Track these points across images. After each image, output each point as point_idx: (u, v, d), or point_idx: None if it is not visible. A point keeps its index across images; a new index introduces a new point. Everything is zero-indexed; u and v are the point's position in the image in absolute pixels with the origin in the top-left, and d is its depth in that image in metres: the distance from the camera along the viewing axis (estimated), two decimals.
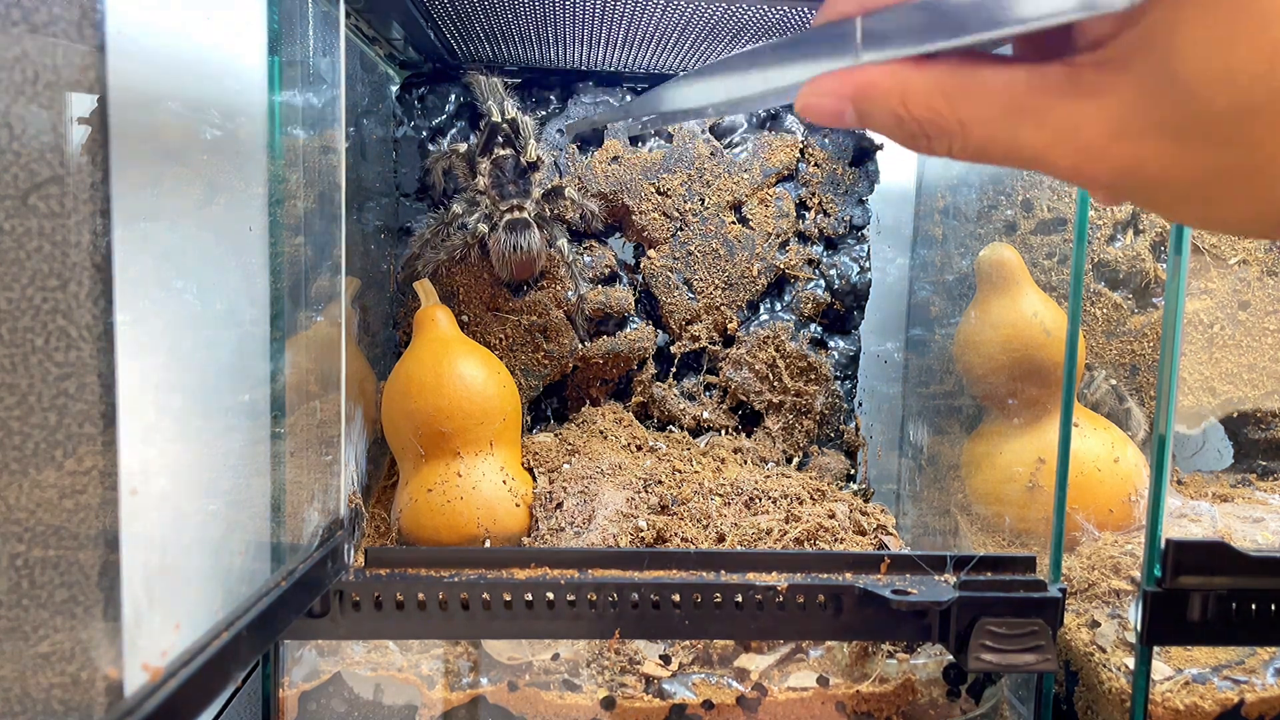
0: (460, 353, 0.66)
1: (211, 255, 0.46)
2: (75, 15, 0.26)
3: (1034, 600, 0.49)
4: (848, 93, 0.28)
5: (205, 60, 0.44)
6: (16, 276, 0.25)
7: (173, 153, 0.42)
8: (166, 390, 0.40)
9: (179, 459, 0.42)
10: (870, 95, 0.28)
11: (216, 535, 0.44)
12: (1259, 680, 0.53)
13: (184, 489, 0.43)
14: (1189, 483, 0.76)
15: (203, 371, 0.45)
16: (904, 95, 0.27)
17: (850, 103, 0.28)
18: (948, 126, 0.27)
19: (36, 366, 0.26)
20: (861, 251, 0.79)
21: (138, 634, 0.33)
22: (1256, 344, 0.76)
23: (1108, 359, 0.75)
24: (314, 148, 0.49)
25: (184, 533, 0.42)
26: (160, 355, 0.42)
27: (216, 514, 0.44)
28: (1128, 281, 0.75)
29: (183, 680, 0.32)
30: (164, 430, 0.40)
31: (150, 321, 0.41)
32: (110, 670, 0.29)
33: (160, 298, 0.42)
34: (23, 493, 0.26)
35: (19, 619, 0.26)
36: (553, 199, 0.73)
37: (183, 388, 0.43)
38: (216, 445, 0.45)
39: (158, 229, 0.41)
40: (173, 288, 0.43)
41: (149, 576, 0.35)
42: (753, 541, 0.60)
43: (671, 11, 0.60)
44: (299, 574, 0.42)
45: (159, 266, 0.42)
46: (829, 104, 0.28)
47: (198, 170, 0.44)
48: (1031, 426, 0.66)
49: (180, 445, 0.41)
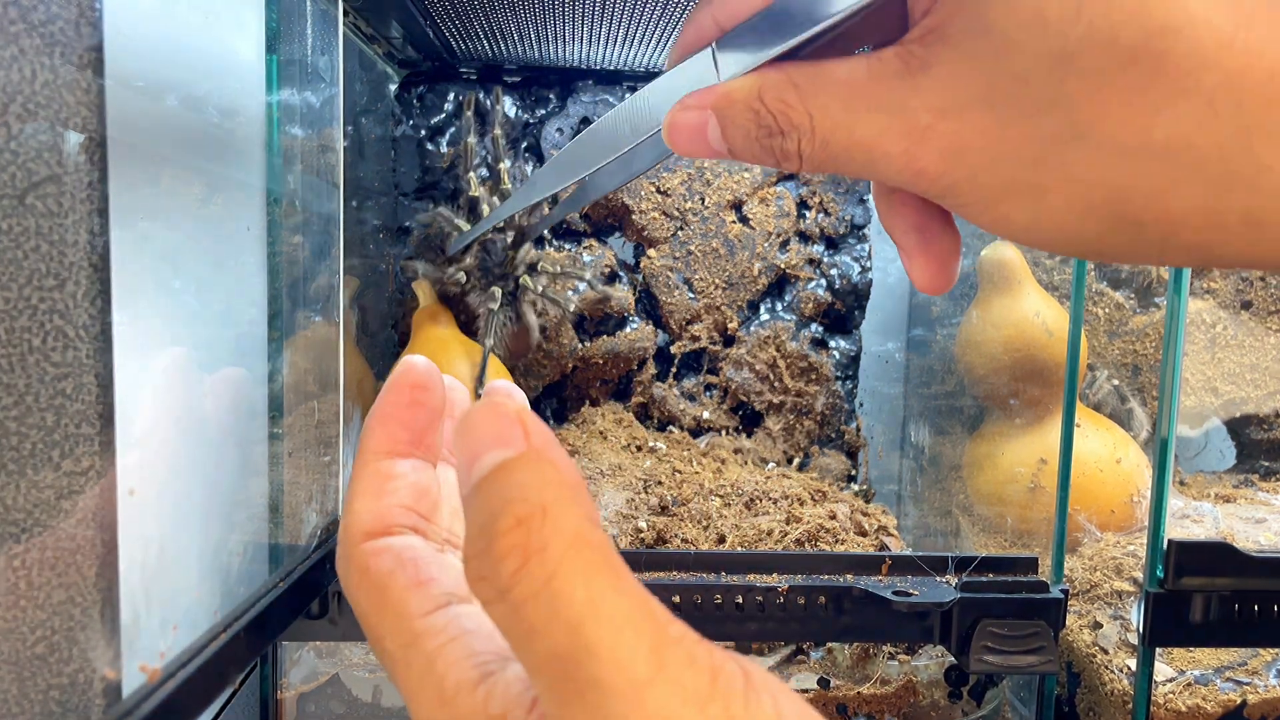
0: (459, 353, 0.66)
1: (209, 255, 0.46)
2: (73, 14, 0.26)
3: (1036, 601, 0.48)
4: (709, 102, 0.28)
5: (203, 59, 0.44)
6: (14, 276, 0.25)
7: (171, 152, 0.42)
8: (164, 390, 0.40)
9: (177, 459, 0.42)
10: (731, 99, 0.27)
11: (214, 536, 0.44)
12: (1261, 682, 0.52)
13: (182, 489, 0.43)
14: (1191, 483, 0.76)
15: (201, 371, 0.45)
16: (760, 90, 0.27)
17: (712, 112, 0.28)
18: (798, 119, 0.26)
19: (33, 366, 0.26)
20: (863, 251, 0.79)
21: (135, 635, 0.33)
22: (1259, 344, 0.75)
23: (1110, 359, 0.75)
24: (312, 147, 0.49)
25: (182, 533, 0.42)
26: (158, 355, 0.41)
27: (214, 515, 0.44)
28: (1130, 281, 0.74)
29: (180, 681, 0.31)
30: (162, 430, 0.40)
31: (148, 321, 0.41)
32: (108, 671, 0.29)
33: (158, 297, 0.42)
34: (19, 493, 0.26)
35: (16, 620, 0.26)
36: (534, 273, 0.72)
37: (180, 387, 0.43)
38: (214, 446, 0.45)
39: (155, 228, 0.41)
40: (170, 287, 0.43)
41: (146, 577, 0.35)
42: (753, 542, 0.59)
43: (670, 9, 0.59)
44: (296, 575, 0.42)
45: (157, 266, 0.42)
46: (692, 117, 0.28)
47: (196, 169, 0.44)
48: (1033, 427, 0.66)
49: (178, 445, 0.41)
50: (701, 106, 0.28)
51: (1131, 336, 0.74)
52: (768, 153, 0.27)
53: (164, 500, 0.39)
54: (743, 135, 0.27)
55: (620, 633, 0.18)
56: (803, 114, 0.26)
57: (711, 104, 0.28)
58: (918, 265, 0.30)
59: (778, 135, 0.27)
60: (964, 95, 0.24)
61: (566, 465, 0.20)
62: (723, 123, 0.28)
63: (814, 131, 0.26)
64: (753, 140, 0.27)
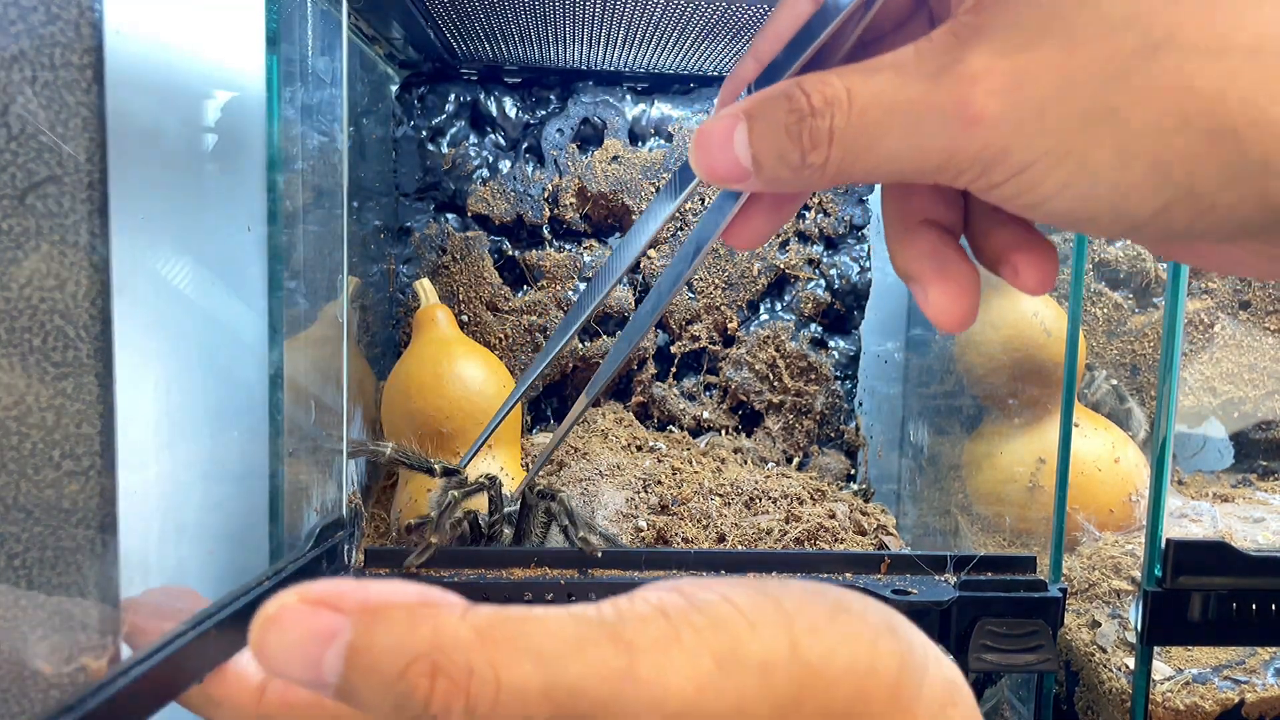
0: (460, 353, 0.66)
1: (210, 255, 0.46)
2: (73, 14, 0.26)
3: (1034, 600, 0.49)
4: (741, 106, 0.26)
5: (205, 59, 0.44)
6: (14, 276, 0.25)
7: (172, 152, 0.42)
8: (164, 390, 0.40)
9: (177, 459, 0.42)
10: (764, 95, 0.25)
11: (214, 535, 0.44)
12: (1259, 680, 0.52)
13: (182, 489, 0.43)
14: (1189, 483, 0.76)
15: (201, 371, 0.45)
16: (799, 82, 0.25)
17: (742, 113, 0.25)
18: (833, 93, 0.24)
19: (34, 366, 0.26)
20: (862, 251, 0.79)
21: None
22: (1257, 344, 0.75)
23: (1108, 359, 0.75)
24: (314, 147, 0.49)
25: (182, 533, 0.42)
26: (159, 355, 0.42)
27: (214, 514, 0.44)
28: (1128, 281, 0.74)
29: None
30: (162, 430, 0.40)
31: (149, 321, 0.41)
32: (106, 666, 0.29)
33: (159, 297, 0.42)
34: (20, 493, 0.26)
35: (16, 619, 0.26)
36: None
37: (181, 387, 0.43)
38: (214, 445, 0.45)
39: (156, 229, 0.41)
40: (171, 287, 0.43)
41: (147, 575, 0.35)
42: (753, 541, 0.60)
43: (671, 11, 0.60)
44: (286, 573, 0.42)
45: (158, 266, 0.42)
46: (721, 123, 0.25)
47: (197, 169, 0.44)
48: (1032, 426, 0.66)
49: (178, 445, 0.41)
50: (733, 112, 0.26)
51: (1130, 336, 0.74)
52: (794, 143, 0.24)
53: (165, 500, 0.39)
54: (771, 133, 0.25)
55: (583, 650, 0.19)
56: (839, 88, 0.24)
57: (744, 107, 0.25)
58: (934, 294, 0.27)
59: (809, 117, 0.24)
60: (1025, 34, 0.22)
61: (390, 591, 0.20)
62: (752, 124, 0.25)
63: (851, 103, 0.24)
64: (781, 133, 0.25)
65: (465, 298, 0.76)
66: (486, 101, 0.76)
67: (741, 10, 0.59)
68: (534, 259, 0.77)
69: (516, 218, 0.76)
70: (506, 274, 0.77)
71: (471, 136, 0.77)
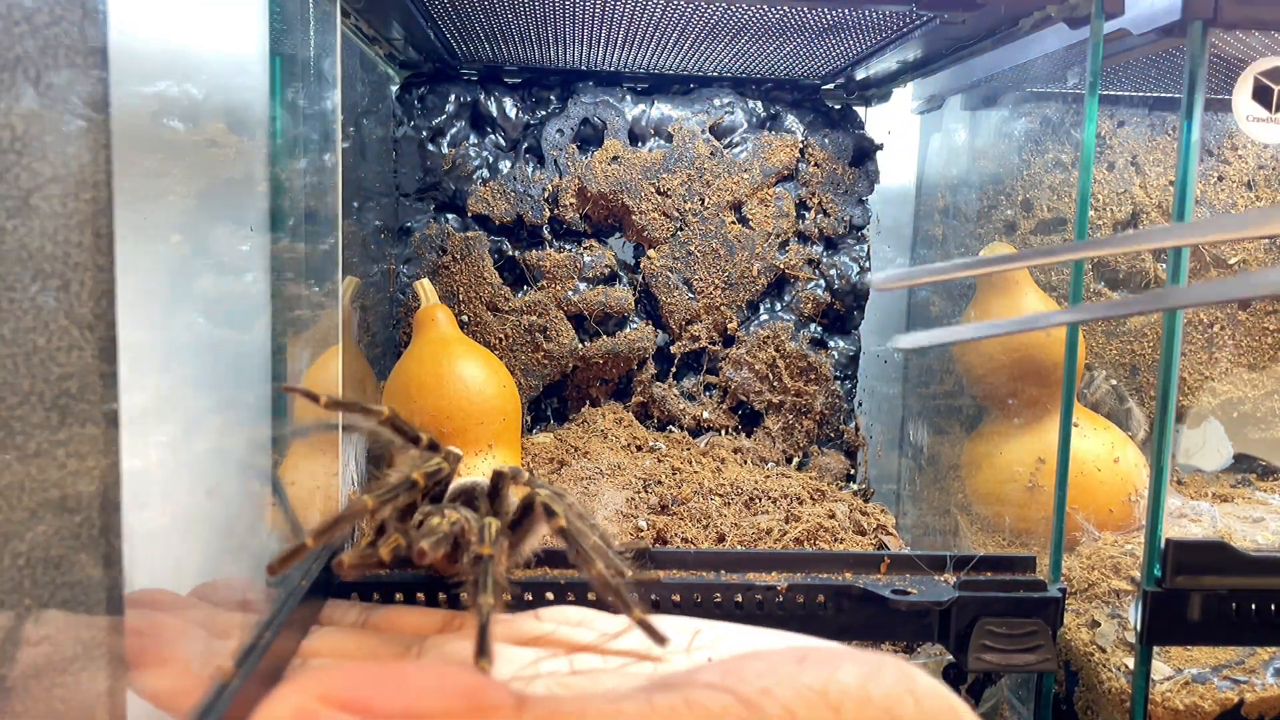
0: (460, 353, 0.66)
1: (212, 255, 0.46)
2: (77, 15, 0.26)
3: (1034, 600, 0.49)
4: None
5: (206, 59, 0.44)
6: (19, 276, 0.25)
7: (174, 152, 0.42)
8: (167, 390, 0.40)
9: (179, 459, 0.42)
10: None
11: (215, 535, 0.44)
12: (1259, 680, 0.53)
13: (184, 489, 0.43)
14: (1189, 483, 0.76)
15: (202, 371, 0.45)
16: None
17: None
18: None
19: (39, 367, 0.26)
20: (861, 251, 0.79)
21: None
22: (1257, 344, 0.76)
23: (1108, 359, 0.75)
24: (314, 147, 0.49)
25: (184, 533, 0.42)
26: (161, 355, 0.42)
27: (215, 514, 0.44)
28: (1127, 281, 0.75)
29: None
30: (165, 430, 0.40)
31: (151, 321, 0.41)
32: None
33: (161, 297, 0.42)
34: (24, 492, 0.26)
35: (18, 619, 0.26)
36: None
37: (183, 388, 0.43)
38: (216, 445, 0.45)
39: (159, 228, 0.41)
40: (173, 287, 0.43)
41: (150, 577, 0.35)
42: (753, 541, 0.60)
43: (671, 11, 0.60)
44: (288, 610, 0.42)
45: (160, 266, 0.42)
46: None
47: (198, 169, 0.44)
48: (1031, 426, 0.66)
49: (180, 445, 0.41)
50: None
51: (1129, 336, 0.74)
52: None
53: (167, 500, 0.39)
54: None
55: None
56: None
57: None
58: None
59: None
60: None
61: (432, 690, 0.21)
62: None
63: None
64: None
65: (465, 298, 0.76)
66: (487, 102, 0.76)
67: (741, 10, 0.60)
68: (534, 259, 0.77)
69: (516, 218, 0.77)
70: (506, 274, 0.78)
71: (472, 137, 0.77)
